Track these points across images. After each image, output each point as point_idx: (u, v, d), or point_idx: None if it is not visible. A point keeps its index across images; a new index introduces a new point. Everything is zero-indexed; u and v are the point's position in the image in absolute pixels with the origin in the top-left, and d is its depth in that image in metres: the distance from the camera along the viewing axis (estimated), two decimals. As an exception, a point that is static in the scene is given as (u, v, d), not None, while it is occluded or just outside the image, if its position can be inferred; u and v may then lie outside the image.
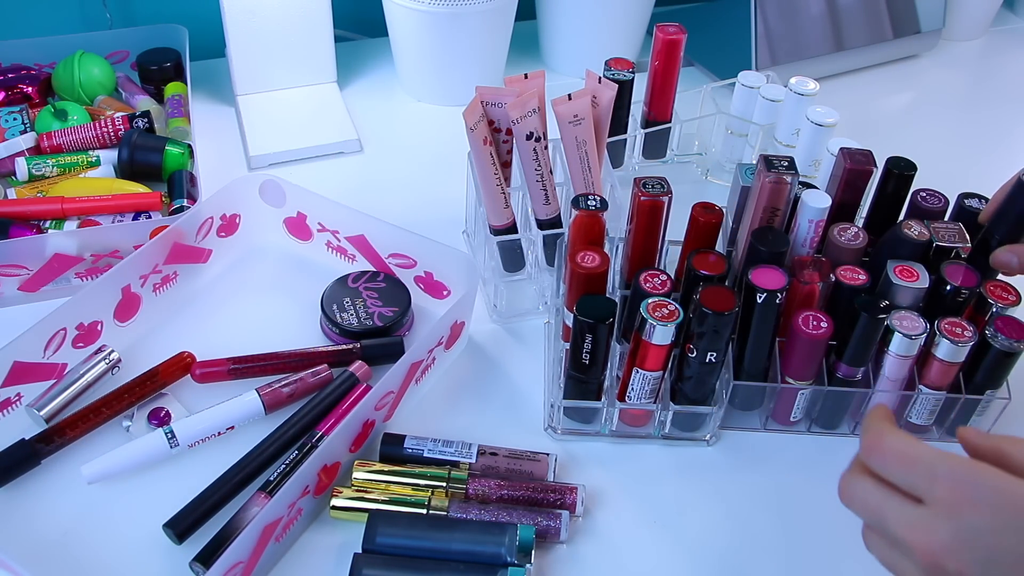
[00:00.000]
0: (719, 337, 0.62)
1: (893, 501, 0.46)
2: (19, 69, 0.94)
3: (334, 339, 0.74)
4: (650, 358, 0.63)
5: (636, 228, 0.69)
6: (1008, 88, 1.14)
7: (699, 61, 1.11)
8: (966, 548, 0.43)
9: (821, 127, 0.83)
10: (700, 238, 0.69)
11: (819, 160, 0.85)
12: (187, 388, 0.70)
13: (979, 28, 1.21)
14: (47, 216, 0.80)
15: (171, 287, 0.76)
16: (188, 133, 0.90)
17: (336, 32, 1.00)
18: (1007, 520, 0.43)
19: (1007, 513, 0.43)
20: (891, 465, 0.46)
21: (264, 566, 0.58)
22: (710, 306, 0.60)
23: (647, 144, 0.94)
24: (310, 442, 0.64)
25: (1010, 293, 0.66)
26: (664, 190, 0.67)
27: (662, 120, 0.91)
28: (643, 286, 0.65)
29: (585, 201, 0.66)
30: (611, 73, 0.86)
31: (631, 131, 0.92)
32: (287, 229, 0.82)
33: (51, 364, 0.68)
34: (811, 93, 0.85)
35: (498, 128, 0.73)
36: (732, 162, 0.94)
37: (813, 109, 0.84)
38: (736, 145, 0.93)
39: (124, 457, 0.63)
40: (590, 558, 0.62)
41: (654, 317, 0.61)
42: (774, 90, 0.88)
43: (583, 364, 0.64)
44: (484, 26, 0.97)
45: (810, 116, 0.83)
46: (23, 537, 0.61)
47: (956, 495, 0.44)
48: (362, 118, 0.99)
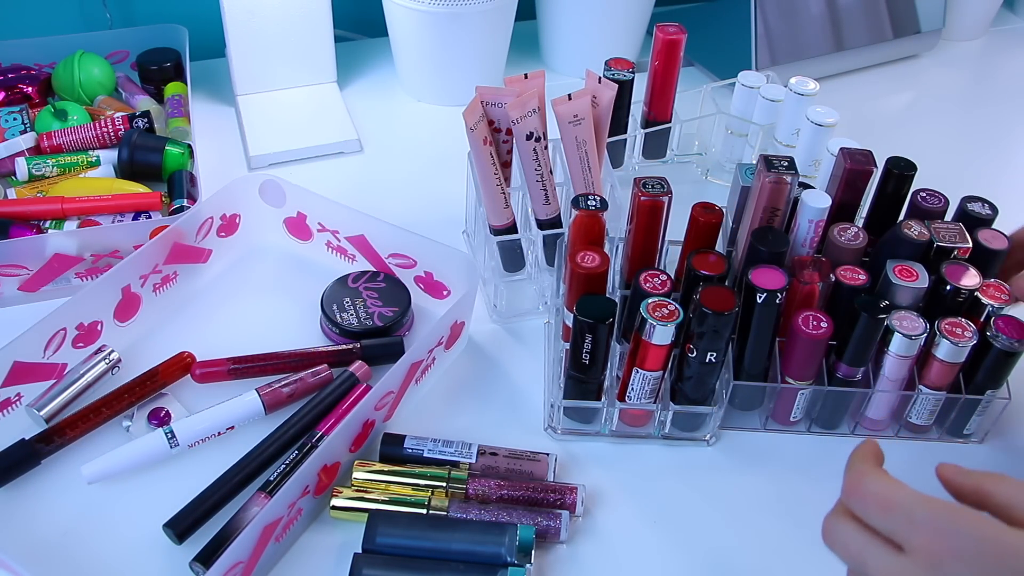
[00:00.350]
0: (719, 337, 0.62)
1: (873, 548, 0.45)
2: (19, 69, 0.94)
3: (334, 339, 0.74)
4: (650, 358, 0.63)
5: (636, 228, 0.69)
6: (1008, 88, 1.14)
7: (699, 61, 1.11)
8: None
9: (821, 127, 0.83)
10: (700, 238, 0.69)
11: (819, 160, 0.85)
12: (187, 388, 0.70)
13: (979, 28, 1.21)
14: (47, 216, 0.80)
15: (171, 287, 0.76)
16: (188, 133, 0.90)
17: (336, 32, 1.00)
18: (988, 570, 0.42)
19: (988, 563, 0.42)
20: (870, 509, 0.45)
21: (264, 566, 0.58)
22: (710, 306, 0.60)
23: (647, 144, 0.94)
24: (310, 442, 0.64)
25: (1003, 293, 0.66)
26: (664, 190, 0.67)
27: (662, 120, 0.91)
28: (643, 286, 0.65)
29: (585, 201, 0.66)
30: (611, 73, 0.86)
31: (631, 131, 0.92)
32: (287, 229, 0.82)
33: (51, 364, 0.68)
34: (811, 93, 0.85)
35: (498, 128, 0.73)
36: (732, 162, 0.94)
37: (813, 109, 0.83)
38: (736, 145, 0.93)
39: (124, 457, 0.63)
40: (590, 558, 0.62)
41: (654, 317, 0.61)
42: (774, 90, 0.88)
43: (583, 364, 0.64)
44: (484, 26, 0.97)
45: (810, 116, 0.83)
46: (23, 537, 0.61)
47: (936, 545, 0.43)
48: (362, 118, 0.99)
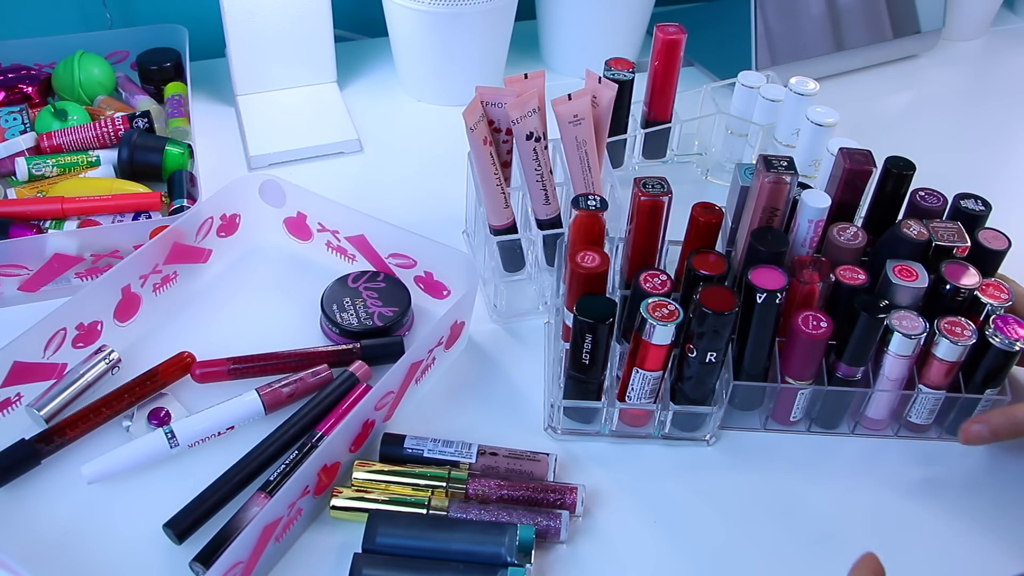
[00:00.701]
0: (719, 337, 0.62)
1: None
2: (19, 69, 0.94)
3: (334, 339, 0.74)
4: (650, 358, 0.63)
5: (636, 228, 0.69)
6: (1008, 88, 1.14)
7: (699, 61, 1.11)
8: None
9: (821, 127, 0.83)
10: (700, 238, 0.69)
11: (819, 160, 0.85)
12: (187, 388, 0.70)
13: (979, 28, 1.21)
14: (47, 216, 0.80)
15: (171, 287, 0.76)
16: (188, 133, 0.90)
17: (336, 32, 1.00)
18: None
19: None
20: None
21: (264, 566, 0.58)
22: (710, 306, 0.60)
23: (647, 144, 0.94)
24: (310, 442, 0.64)
25: (1003, 292, 0.66)
26: (664, 190, 0.67)
27: (662, 120, 0.91)
28: (643, 286, 0.65)
29: (585, 201, 0.66)
30: (611, 73, 0.86)
31: (631, 131, 0.92)
32: (287, 229, 0.82)
33: (51, 364, 0.68)
34: (811, 93, 0.85)
35: (498, 128, 0.73)
36: (732, 162, 0.94)
37: (813, 109, 0.83)
38: (736, 145, 0.93)
39: (124, 457, 0.63)
40: (590, 558, 0.62)
41: (654, 317, 0.61)
42: (774, 90, 0.88)
43: (583, 364, 0.64)
44: (484, 26, 0.97)
45: (810, 116, 0.83)
46: (23, 537, 0.61)
47: None
48: (362, 118, 0.99)
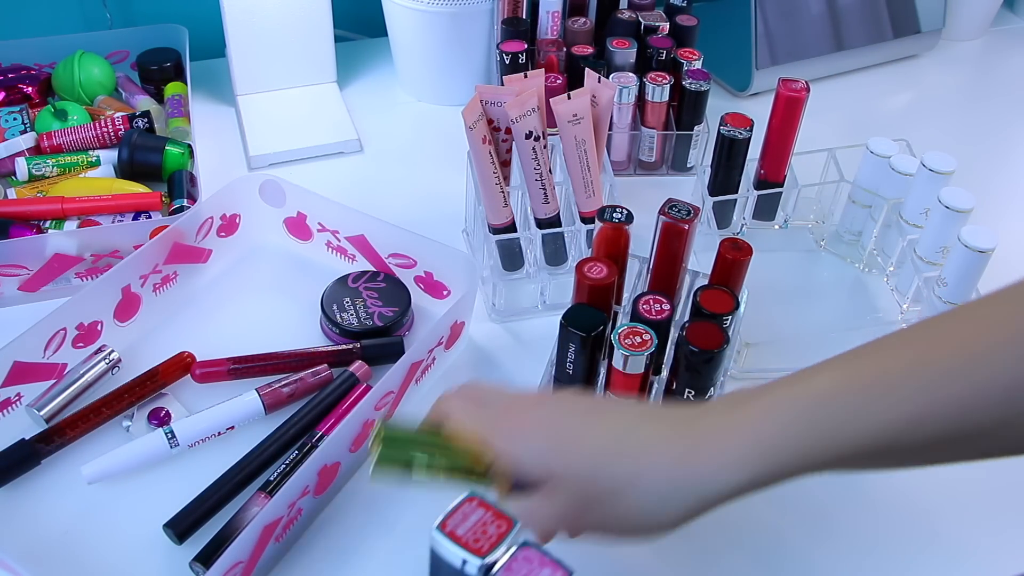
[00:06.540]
0: (699, 375, 0.61)
1: None
2: (19, 69, 0.94)
3: (334, 339, 0.74)
4: (621, 385, 0.61)
5: (658, 250, 0.67)
6: (1008, 88, 1.14)
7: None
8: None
9: (955, 212, 0.72)
10: (723, 274, 0.67)
11: (947, 247, 0.74)
12: (187, 388, 0.70)
13: (979, 28, 1.21)
14: (47, 216, 0.80)
15: (171, 287, 0.76)
16: (188, 133, 0.90)
17: (336, 32, 1.00)
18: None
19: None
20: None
21: (264, 566, 0.58)
22: (694, 342, 0.59)
23: (759, 205, 0.85)
24: (310, 442, 0.64)
25: (694, 55, 0.92)
26: (690, 215, 0.64)
27: (775, 181, 0.83)
28: (639, 309, 0.63)
29: (611, 213, 0.64)
30: (727, 129, 0.79)
31: (742, 191, 0.84)
32: (287, 229, 0.82)
33: (51, 364, 0.68)
34: (947, 172, 0.75)
35: (497, 127, 0.73)
36: (851, 233, 0.85)
37: (948, 190, 0.73)
38: (858, 216, 0.84)
39: (124, 457, 0.63)
40: (590, 558, 0.62)
41: (623, 345, 0.59)
42: (905, 162, 0.79)
43: (567, 374, 0.63)
44: (484, 26, 0.97)
45: (943, 199, 0.73)
46: (23, 537, 0.61)
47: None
48: (362, 118, 0.99)
